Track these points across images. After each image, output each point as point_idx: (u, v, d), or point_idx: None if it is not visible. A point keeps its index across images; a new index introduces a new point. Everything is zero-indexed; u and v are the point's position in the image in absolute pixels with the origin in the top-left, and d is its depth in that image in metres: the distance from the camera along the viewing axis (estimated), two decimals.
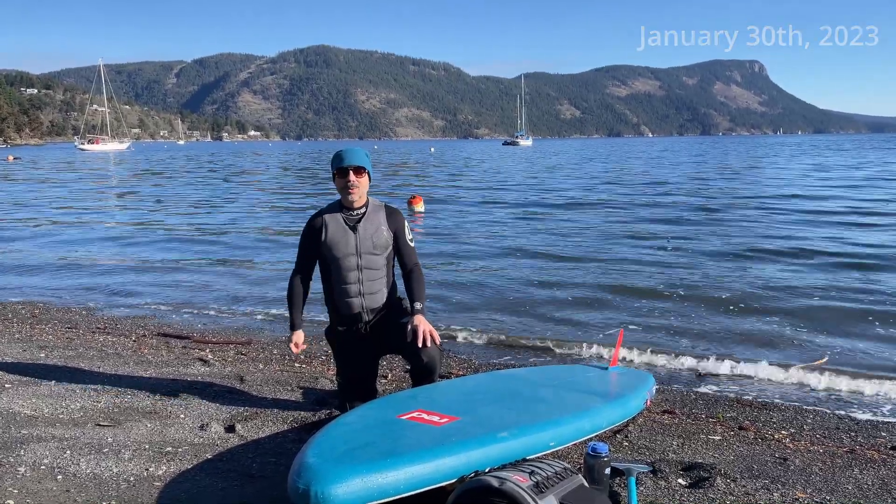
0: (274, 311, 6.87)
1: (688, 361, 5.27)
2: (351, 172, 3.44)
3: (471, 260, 9.80)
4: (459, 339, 5.93)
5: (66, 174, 37.59)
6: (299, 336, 3.56)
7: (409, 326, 3.35)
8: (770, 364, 5.12)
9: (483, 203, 18.65)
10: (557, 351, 5.61)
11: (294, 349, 3.55)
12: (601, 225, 13.53)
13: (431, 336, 3.33)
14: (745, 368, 5.10)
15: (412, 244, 3.64)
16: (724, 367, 5.13)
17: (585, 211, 16.18)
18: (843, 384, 4.78)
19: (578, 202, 18.28)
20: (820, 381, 4.84)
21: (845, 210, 15.23)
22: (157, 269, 9.40)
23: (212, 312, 6.96)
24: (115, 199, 22.28)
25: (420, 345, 3.30)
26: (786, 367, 5.08)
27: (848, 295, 7.24)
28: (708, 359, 5.29)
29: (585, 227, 13.33)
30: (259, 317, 6.77)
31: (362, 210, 3.54)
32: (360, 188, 3.48)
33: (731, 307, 6.84)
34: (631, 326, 6.14)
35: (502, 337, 5.97)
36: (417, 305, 3.44)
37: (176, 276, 8.89)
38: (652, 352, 5.46)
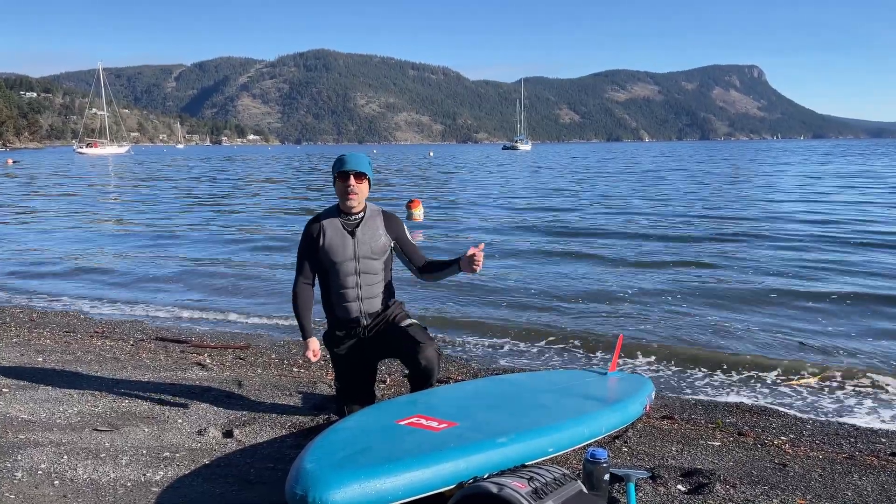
0: (272, 316, 6.86)
1: (688, 367, 5.26)
2: (352, 177, 3.45)
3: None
4: (458, 344, 5.92)
5: (63, 178, 37.57)
6: (315, 343, 3.53)
7: (467, 254, 3.35)
8: (769, 369, 5.12)
9: (482, 207, 18.65)
10: (556, 356, 5.60)
11: (312, 357, 3.49)
12: (600, 227, 13.53)
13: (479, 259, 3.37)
14: (744, 374, 5.10)
15: (415, 243, 3.68)
16: (724, 373, 5.13)
17: (584, 214, 16.19)
18: (843, 390, 4.78)
19: (579, 207, 18.30)
20: (819, 387, 4.83)
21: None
22: (156, 273, 9.39)
23: (210, 316, 6.95)
24: (111, 202, 22.27)
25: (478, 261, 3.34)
26: (785, 372, 5.07)
27: (849, 302, 7.24)
28: (708, 363, 5.28)
29: (584, 229, 13.33)
30: (257, 321, 6.76)
31: (360, 215, 3.55)
32: (360, 194, 3.49)
33: (731, 313, 6.83)
34: (630, 331, 6.13)
35: (501, 341, 5.96)
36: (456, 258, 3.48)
37: (174, 280, 8.88)
38: (651, 357, 5.46)
